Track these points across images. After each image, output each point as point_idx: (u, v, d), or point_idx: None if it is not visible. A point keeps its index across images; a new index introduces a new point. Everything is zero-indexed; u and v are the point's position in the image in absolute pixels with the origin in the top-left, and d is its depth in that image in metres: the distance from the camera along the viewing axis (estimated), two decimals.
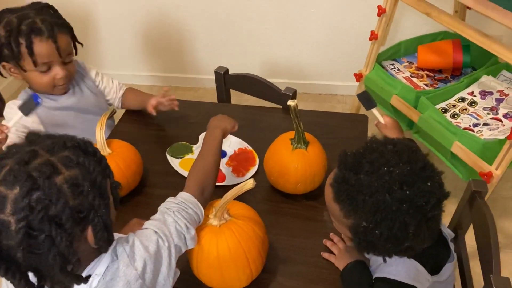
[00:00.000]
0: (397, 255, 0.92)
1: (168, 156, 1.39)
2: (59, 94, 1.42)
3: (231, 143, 1.41)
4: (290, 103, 1.11)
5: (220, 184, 1.29)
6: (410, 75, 1.98)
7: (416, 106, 1.79)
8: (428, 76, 1.98)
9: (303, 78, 2.61)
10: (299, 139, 1.18)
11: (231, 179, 1.31)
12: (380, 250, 0.90)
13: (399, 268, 0.94)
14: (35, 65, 1.29)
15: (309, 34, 2.43)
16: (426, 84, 1.94)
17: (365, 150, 0.89)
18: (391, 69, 2.01)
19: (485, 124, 1.71)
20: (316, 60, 2.53)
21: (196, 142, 1.43)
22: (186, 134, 1.46)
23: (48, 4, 1.36)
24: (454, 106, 1.80)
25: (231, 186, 1.02)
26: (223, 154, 1.38)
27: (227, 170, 1.34)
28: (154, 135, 1.52)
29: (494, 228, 1.02)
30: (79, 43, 1.41)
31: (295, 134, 1.18)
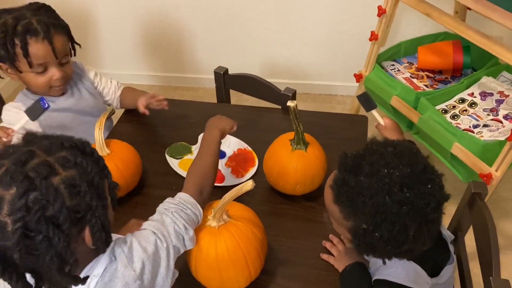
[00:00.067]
0: (396, 257, 0.91)
1: (167, 156, 1.39)
2: (56, 95, 1.41)
3: (230, 144, 1.41)
4: (289, 104, 1.10)
5: (219, 184, 1.28)
6: (410, 76, 1.97)
7: (416, 107, 1.79)
8: (428, 77, 1.98)
9: (303, 78, 2.61)
10: (298, 140, 1.17)
11: (230, 180, 1.30)
12: (380, 252, 0.90)
13: (399, 270, 0.93)
14: (31, 66, 1.28)
15: (309, 34, 2.43)
16: (426, 85, 1.93)
17: (365, 152, 0.89)
18: (391, 69, 2.01)
19: (485, 125, 1.71)
20: (316, 61, 2.53)
21: (195, 142, 1.42)
22: (185, 135, 1.46)
23: (45, 4, 1.34)
24: (454, 107, 1.80)
25: (230, 186, 1.02)
26: (222, 154, 1.37)
27: (226, 171, 1.33)
28: (153, 135, 1.52)
29: (494, 230, 1.02)
30: (77, 44, 1.40)
31: (294, 135, 1.17)
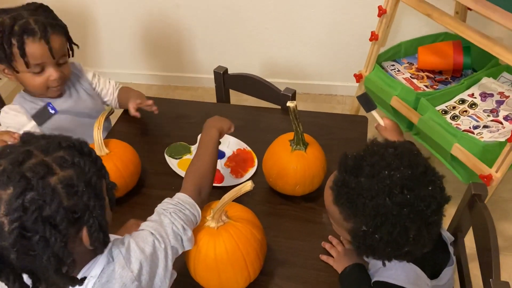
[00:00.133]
0: (396, 259, 0.91)
1: (166, 156, 1.39)
2: (53, 96, 1.39)
3: (230, 144, 1.40)
4: (289, 104, 1.10)
5: (219, 185, 1.28)
6: (410, 76, 1.97)
7: (416, 107, 1.79)
8: (428, 77, 1.98)
9: (303, 78, 2.60)
10: (298, 141, 1.17)
11: (230, 180, 1.30)
12: (380, 254, 0.89)
13: (399, 272, 0.93)
14: (28, 66, 1.26)
15: (309, 34, 2.42)
16: (426, 86, 1.93)
17: (365, 153, 0.88)
18: (391, 70, 2.00)
19: (485, 126, 1.70)
20: (316, 60, 2.52)
21: (194, 142, 1.42)
22: (184, 134, 1.45)
23: (43, 4, 1.33)
24: (454, 108, 1.80)
25: (230, 187, 1.01)
26: (221, 154, 1.37)
27: (226, 171, 1.33)
28: (152, 135, 1.51)
29: (494, 231, 1.01)
30: (75, 45, 1.39)
31: (294, 135, 1.17)
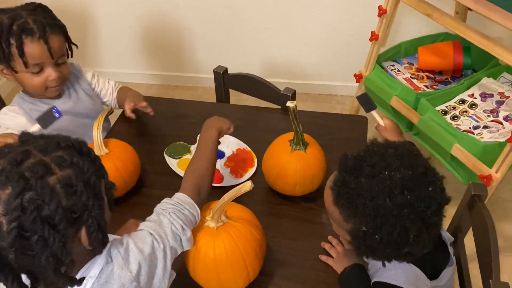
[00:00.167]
0: (396, 260, 0.91)
1: (166, 156, 1.38)
2: (52, 96, 1.39)
3: (230, 144, 1.40)
4: (289, 104, 1.10)
5: (218, 185, 1.28)
6: (410, 76, 1.97)
7: (416, 107, 1.78)
8: (428, 77, 1.97)
9: (303, 78, 2.60)
10: (298, 141, 1.17)
11: (229, 180, 1.30)
12: (380, 255, 0.89)
13: (398, 273, 0.93)
14: (26, 66, 1.26)
15: (309, 34, 2.42)
16: (426, 86, 1.93)
17: (366, 153, 0.88)
18: (391, 70, 2.00)
19: (485, 127, 1.70)
20: (316, 60, 2.52)
21: (194, 142, 1.42)
22: (184, 134, 1.45)
23: (41, 4, 1.32)
24: (454, 108, 1.79)
25: (229, 187, 1.01)
26: (221, 154, 1.37)
27: (225, 171, 1.33)
28: (151, 135, 1.51)
29: (494, 232, 1.01)
30: (74, 45, 1.38)
31: (294, 135, 1.17)
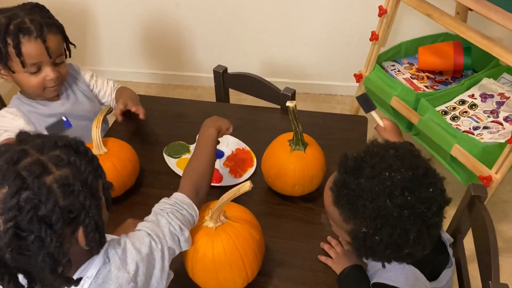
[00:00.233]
0: (396, 261, 0.90)
1: (164, 155, 1.38)
2: (50, 96, 1.38)
3: (229, 144, 1.39)
4: (289, 104, 1.09)
5: (217, 184, 1.27)
6: (411, 77, 1.96)
7: (416, 108, 1.78)
8: (428, 77, 1.97)
9: (303, 78, 2.59)
10: (297, 141, 1.16)
11: (228, 180, 1.29)
12: (380, 256, 0.89)
13: (398, 274, 0.92)
14: (24, 66, 1.24)
15: (309, 34, 2.42)
16: (426, 86, 1.92)
17: (366, 154, 0.88)
18: (392, 70, 2.00)
19: (485, 127, 1.70)
20: (316, 60, 2.51)
21: (193, 141, 1.41)
22: (183, 134, 1.45)
23: (38, 4, 1.31)
24: (454, 108, 1.79)
25: (228, 187, 1.01)
26: (220, 154, 1.36)
27: (224, 171, 1.32)
28: (150, 134, 1.51)
29: (494, 233, 1.01)
30: (72, 44, 1.37)
31: (293, 135, 1.16)
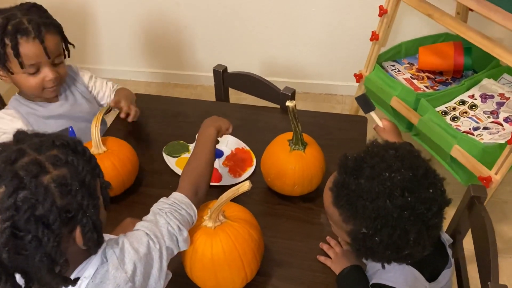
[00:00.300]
0: (396, 262, 0.90)
1: (164, 154, 1.38)
2: (49, 97, 1.37)
3: (228, 143, 1.39)
4: (288, 104, 1.09)
5: (217, 184, 1.27)
6: (411, 77, 1.96)
7: (416, 108, 1.78)
8: (428, 78, 1.97)
9: (303, 77, 2.59)
10: (297, 141, 1.16)
11: (228, 180, 1.29)
12: (379, 257, 0.88)
13: (397, 275, 0.92)
14: (22, 66, 1.23)
15: (309, 33, 2.41)
16: (426, 86, 1.92)
17: (366, 155, 0.87)
18: (392, 70, 2.00)
19: (485, 128, 1.69)
20: (316, 60, 2.51)
21: (192, 141, 1.40)
22: (182, 133, 1.45)
23: (36, 4, 1.30)
24: (454, 109, 1.79)
25: (228, 186, 1.01)
26: (220, 154, 1.36)
27: (224, 170, 1.32)
28: (150, 133, 1.50)
29: (493, 234, 1.01)
30: (71, 44, 1.36)
31: (293, 135, 1.16)
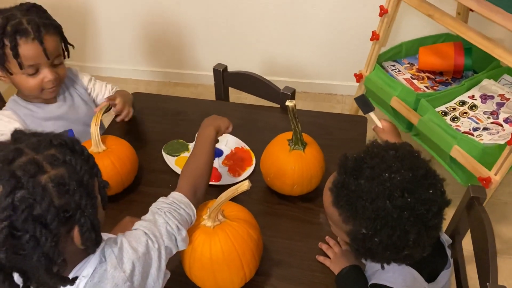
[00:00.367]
0: (395, 263, 0.90)
1: (163, 154, 1.38)
2: (47, 98, 1.36)
3: (228, 142, 1.39)
4: (288, 103, 1.09)
5: (216, 183, 1.27)
6: (411, 77, 1.96)
7: (416, 108, 1.77)
8: (429, 78, 1.96)
9: (303, 77, 2.59)
10: (296, 140, 1.16)
11: (227, 179, 1.29)
12: (379, 257, 0.88)
13: (396, 276, 0.92)
14: (21, 67, 1.23)
15: (309, 33, 2.41)
16: (426, 86, 1.92)
17: (366, 155, 0.87)
18: (392, 70, 1.99)
19: (485, 129, 1.69)
20: (316, 59, 2.51)
21: (192, 140, 1.40)
22: (182, 132, 1.45)
23: (36, 4, 1.29)
24: (454, 109, 1.79)
25: (227, 185, 1.00)
26: (219, 153, 1.36)
27: (223, 170, 1.32)
28: (149, 132, 1.50)
29: (492, 235, 1.00)
30: (70, 45, 1.36)
31: (292, 135, 1.16)
